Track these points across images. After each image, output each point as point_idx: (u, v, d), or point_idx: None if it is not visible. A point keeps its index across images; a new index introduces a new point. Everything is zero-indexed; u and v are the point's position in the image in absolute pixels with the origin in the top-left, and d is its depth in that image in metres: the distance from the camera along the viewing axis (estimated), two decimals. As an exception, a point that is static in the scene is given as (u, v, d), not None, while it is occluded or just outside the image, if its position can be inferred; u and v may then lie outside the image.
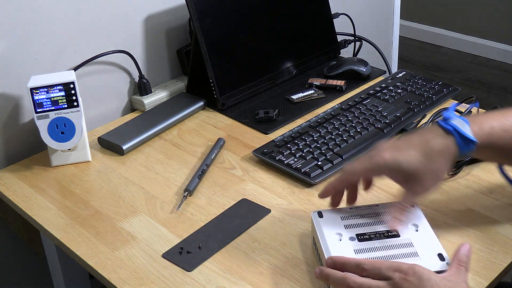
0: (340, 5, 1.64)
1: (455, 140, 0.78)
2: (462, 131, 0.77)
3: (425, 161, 0.77)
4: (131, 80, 1.34)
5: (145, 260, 0.88)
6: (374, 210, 0.85)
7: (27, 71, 1.15)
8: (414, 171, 0.77)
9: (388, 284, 0.69)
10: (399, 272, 0.69)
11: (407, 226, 0.81)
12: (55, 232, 0.95)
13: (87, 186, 1.07)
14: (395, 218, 0.80)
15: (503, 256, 0.84)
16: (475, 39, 3.40)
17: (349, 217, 0.83)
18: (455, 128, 0.78)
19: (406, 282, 0.68)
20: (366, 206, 0.85)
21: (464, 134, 0.77)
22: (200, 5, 1.23)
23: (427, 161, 0.77)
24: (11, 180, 1.10)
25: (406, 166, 0.77)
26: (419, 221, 0.82)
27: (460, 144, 0.77)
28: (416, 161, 0.77)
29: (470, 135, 0.77)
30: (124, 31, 1.30)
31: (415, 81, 1.32)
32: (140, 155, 1.15)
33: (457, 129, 0.77)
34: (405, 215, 0.80)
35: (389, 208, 0.83)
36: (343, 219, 0.83)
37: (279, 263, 0.86)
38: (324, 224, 0.82)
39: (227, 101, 1.29)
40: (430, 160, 0.77)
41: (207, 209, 0.98)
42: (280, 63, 1.40)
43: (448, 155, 0.78)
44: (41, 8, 1.15)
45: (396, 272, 0.69)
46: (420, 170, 0.77)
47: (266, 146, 1.11)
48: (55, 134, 1.09)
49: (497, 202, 0.94)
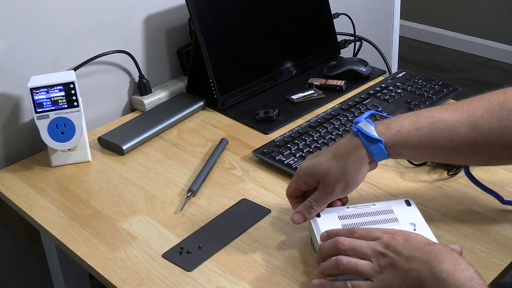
0: (340, 5, 1.64)
1: (361, 141, 0.81)
2: (365, 131, 0.81)
3: (333, 163, 0.82)
4: (131, 80, 1.34)
5: (145, 260, 0.88)
6: (371, 209, 0.85)
7: (27, 71, 1.15)
8: (323, 173, 0.82)
9: (376, 243, 0.72)
10: (387, 233, 0.73)
11: (405, 225, 0.81)
12: (55, 232, 0.95)
13: (87, 186, 1.07)
14: (299, 212, 0.84)
15: (503, 256, 0.84)
16: (475, 39, 3.40)
17: (346, 217, 0.84)
18: (359, 129, 0.82)
19: (393, 240, 0.71)
20: (364, 205, 0.86)
21: (367, 134, 0.81)
22: (200, 5, 1.23)
23: (335, 162, 0.82)
24: (11, 180, 1.10)
25: (316, 169, 0.83)
26: (417, 220, 0.82)
27: (366, 144, 0.81)
28: (325, 163, 0.82)
29: (373, 134, 0.81)
30: (124, 31, 1.30)
31: (415, 81, 1.32)
32: (140, 155, 1.15)
33: (360, 129, 0.82)
34: (310, 212, 0.84)
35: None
36: (340, 218, 0.83)
37: (279, 263, 0.86)
38: (322, 224, 0.83)
39: (227, 101, 1.29)
40: (338, 161, 0.82)
41: (207, 209, 0.98)
42: (280, 63, 1.40)
43: (357, 155, 0.81)
44: (41, 8, 1.15)
45: (384, 233, 0.73)
46: (329, 171, 0.82)
47: (266, 146, 1.11)
48: (55, 134, 1.09)
49: (497, 202, 0.94)
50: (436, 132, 0.81)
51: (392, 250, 0.70)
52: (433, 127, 0.81)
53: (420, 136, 0.81)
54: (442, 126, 0.81)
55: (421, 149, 0.82)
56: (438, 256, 0.67)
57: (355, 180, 0.82)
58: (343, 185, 0.82)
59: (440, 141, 0.81)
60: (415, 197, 0.96)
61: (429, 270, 0.66)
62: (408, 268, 0.68)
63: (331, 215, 0.84)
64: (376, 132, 0.81)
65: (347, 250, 0.73)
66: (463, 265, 0.66)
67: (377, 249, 0.71)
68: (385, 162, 1.05)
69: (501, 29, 3.28)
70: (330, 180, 0.82)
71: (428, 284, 0.66)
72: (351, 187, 0.83)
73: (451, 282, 0.64)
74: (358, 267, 0.71)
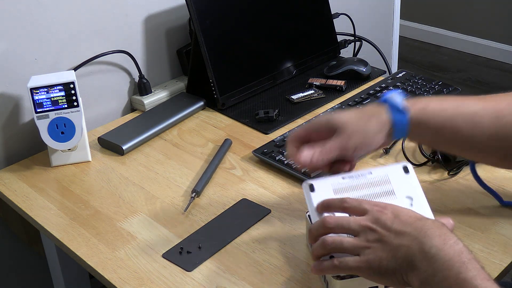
0: (340, 5, 1.64)
1: (386, 108, 0.81)
2: (392, 101, 0.81)
3: (354, 118, 0.80)
4: (131, 80, 1.34)
5: (145, 260, 0.88)
6: (368, 179, 0.79)
7: (27, 71, 1.15)
8: (343, 122, 0.80)
9: (364, 218, 0.71)
10: (377, 207, 0.71)
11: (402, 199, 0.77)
12: (55, 232, 0.95)
13: (87, 186, 1.07)
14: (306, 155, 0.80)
15: (503, 256, 0.84)
16: (475, 39, 3.40)
17: (341, 190, 0.78)
18: (386, 98, 0.82)
19: (382, 215, 0.70)
20: (360, 174, 0.79)
21: (394, 103, 0.81)
22: (200, 5, 1.23)
23: (358, 119, 0.80)
24: (11, 180, 1.10)
25: (337, 119, 0.81)
26: (414, 192, 0.78)
27: (391, 111, 0.80)
28: (347, 115, 0.81)
29: (400, 105, 0.80)
30: (124, 31, 1.30)
31: (415, 81, 1.32)
32: (140, 155, 1.15)
33: (388, 99, 0.81)
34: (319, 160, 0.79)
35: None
36: (335, 192, 0.78)
37: (279, 263, 0.86)
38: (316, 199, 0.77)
39: (227, 101, 1.29)
40: (359, 119, 0.80)
41: (207, 209, 0.98)
42: (280, 63, 1.40)
43: (379, 120, 0.80)
44: (41, 8, 1.15)
45: (374, 206, 0.72)
46: (349, 122, 0.80)
47: (266, 146, 1.11)
48: (55, 134, 1.09)
49: (497, 202, 0.94)
50: (461, 114, 0.80)
51: (381, 225, 0.69)
52: (459, 109, 0.81)
53: (445, 117, 0.80)
54: (467, 110, 0.81)
55: (442, 133, 0.81)
56: (428, 232, 0.66)
57: (371, 141, 0.80)
58: (359, 140, 0.80)
59: (463, 126, 0.80)
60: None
61: (419, 245, 0.66)
62: (397, 243, 0.67)
63: (325, 188, 0.78)
64: (402, 104, 0.80)
65: (335, 229, 0.71)
66: (452, 240, 0.66)
67: (366, 224, 0.70)
68: (385, 162, 1.05)
69: (501, 29, 3.28)
70: (348, 130, 0.79)
71: (418, 259, 0.65)
72: (365, 147, 0.81)
73: (440, 258, 0.64)
74: (344, 244, 0.70)
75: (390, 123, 0.80)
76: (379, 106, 0.82)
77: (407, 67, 3.16)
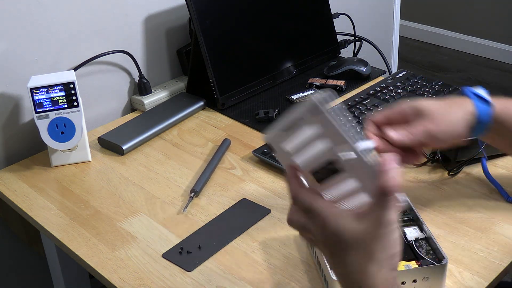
0: (340, 5, 1.64)
1: (471, 100, 0.78)
2: (477, 92, 0.78)
3: (440, 105, 0.77)
4: (131, 80, 1.34)
5: (145, 260, 0.88)
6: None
7: (27, 71, 1.15)
8: (429, 109, 0.76)
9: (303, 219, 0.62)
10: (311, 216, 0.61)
11: None
12: (55, 232, 0.95)
13: (87, 186, 1.07)
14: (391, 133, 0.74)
15: (503, 256, 0.84)
16: (475, 39, 3.40)
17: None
18: (471, 90, 0.79)
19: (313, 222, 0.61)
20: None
21: (479, 94, 0.78)
22: (200, 5, 1.23)
23: (442, 105, 0.77)
24: (11, 180, 1.10)
25: (423, 104, 0.77)
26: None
27: (476, 104, 0.78)
28: (431, 102, 0.77)
29: (485, 95, 0.78)
30: (124, 31, 1.30)
31: (415, 81, 1.32)
32: (140, 155, 1.15)
33: (472, 90, 0.79)
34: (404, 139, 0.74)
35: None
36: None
37: (279, 263, 0.86)
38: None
39: (227, 101, 1.29)
40: (446, 105, 0.77)
41: (207, 209, 0.98)
42: (280, 63, 1.40)
43: (466, 109, 0.77)
44: (41, 8, 1.15)
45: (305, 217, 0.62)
46: (435, 110, 0.76)
47: (266, 146, 1.11)
48: (55, 134, 1.09)
49: (497, 202, 0.94)
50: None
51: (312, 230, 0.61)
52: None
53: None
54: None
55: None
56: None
57: (453, 130, 0.77)
58: (444, 127, 0.76)
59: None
60: (415, 197, 0.96)
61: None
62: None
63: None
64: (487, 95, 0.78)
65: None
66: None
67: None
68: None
69: (501, 29, 3.28)
70: (433, 115, 0.75)
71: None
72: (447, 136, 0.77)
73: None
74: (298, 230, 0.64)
75: (474, 114, 0.78)
76: (463, 97, 0.79)
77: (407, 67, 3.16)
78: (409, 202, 0.88)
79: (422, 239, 0.83)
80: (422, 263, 0.78)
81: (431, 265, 0.77)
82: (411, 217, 0.87)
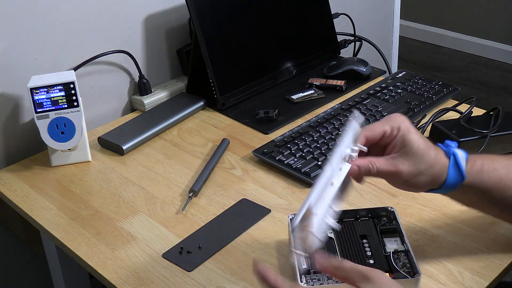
0: (340, 5, 1.65)
1: (449, 160, 0.75)
2: (459, 161, 0.75)
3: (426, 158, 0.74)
4: (131, 80, 1.34)
5: (145, 260, 0.88)
6: None
7: (27, 71, 1.15)
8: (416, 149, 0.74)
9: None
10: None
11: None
12: (55, 232, 0.95)
13: (87, 186, 1.07)
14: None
15: (503, 256, 0.84)
16: (475, 39, 3.40)
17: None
18: (454, 152, 0.76)
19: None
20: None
21: (458, 161, 0.75)
22: (200, 5, 1.23)
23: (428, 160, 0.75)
24: (11, 180, 1.10)
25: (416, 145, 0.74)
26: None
27: (451, 168, 0.75)
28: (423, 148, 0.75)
29: (463, 168, 0.75)
30: (124, 31, 1.30)
31: (415, 81, 1.32)
32: (140, 155, 1.15)
33: (453, 151, 0.76)
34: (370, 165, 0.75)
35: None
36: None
37: (279, 263, 0.86)
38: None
39: (227, 101, 1.29)
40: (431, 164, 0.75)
41: (207, 209, 0.98)
42: (280, 63, 1.40)
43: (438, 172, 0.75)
44: (41, 8, 1.15)
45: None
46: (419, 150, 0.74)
47: (266, 146, 1.11)
48: (55, 134, 1.09)
49: (497, 202, 0.94)
50: (510, 174, 0.76)
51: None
52: (508, 169, 0.77)
53: (495, 179, 0.76)
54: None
55: (490, 194, 0.77)
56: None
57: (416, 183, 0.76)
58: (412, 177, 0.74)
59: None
60: (415, 197, 0.96)
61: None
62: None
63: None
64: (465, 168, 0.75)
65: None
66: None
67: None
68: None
69: (501, 29, 3.28)
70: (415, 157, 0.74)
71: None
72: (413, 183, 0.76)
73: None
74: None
75: (444, 176, 0.75)
76: (442, 152, 0.76)
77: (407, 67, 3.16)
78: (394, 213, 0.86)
79: (401, 251, 0.81)
80: (395, 276, 0.76)
81: (404, 278, 0.75)
82: (394, 228, 0.85)
